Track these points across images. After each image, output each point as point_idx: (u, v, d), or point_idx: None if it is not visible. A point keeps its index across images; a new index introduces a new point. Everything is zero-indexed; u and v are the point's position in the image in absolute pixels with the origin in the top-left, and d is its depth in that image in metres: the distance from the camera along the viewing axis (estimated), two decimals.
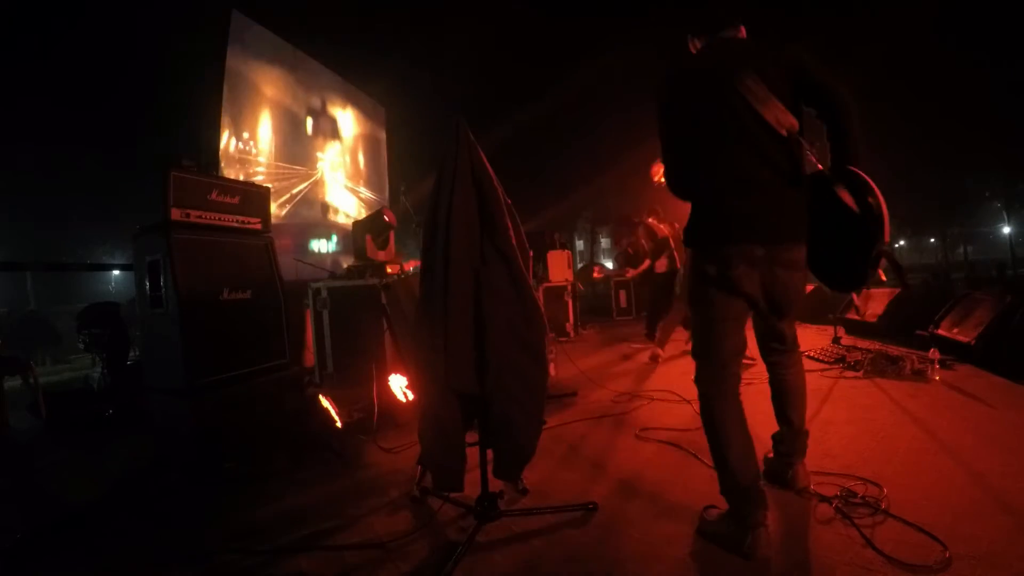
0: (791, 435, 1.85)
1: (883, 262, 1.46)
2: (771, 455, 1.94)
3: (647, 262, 5.67)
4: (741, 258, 1.55)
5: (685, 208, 1.71)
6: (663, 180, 2.16)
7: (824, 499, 1.78)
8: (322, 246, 7.16)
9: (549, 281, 6.73)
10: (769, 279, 1.59)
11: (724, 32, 1.70)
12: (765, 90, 1.53)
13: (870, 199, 1.44)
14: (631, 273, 6.61)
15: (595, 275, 8.56)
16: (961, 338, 3.78)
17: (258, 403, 2.78)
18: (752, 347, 1.99)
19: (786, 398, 1.84)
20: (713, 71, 1.61)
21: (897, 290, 5.19)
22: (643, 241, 5.81)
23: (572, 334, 6.73)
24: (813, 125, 1.62)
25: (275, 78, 6.33)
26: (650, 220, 5.70)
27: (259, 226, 3.11)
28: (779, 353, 1.83)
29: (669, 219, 5.76)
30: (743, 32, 1.72)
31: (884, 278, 1.47)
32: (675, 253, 5.42)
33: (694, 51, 1.77)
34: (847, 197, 1.47)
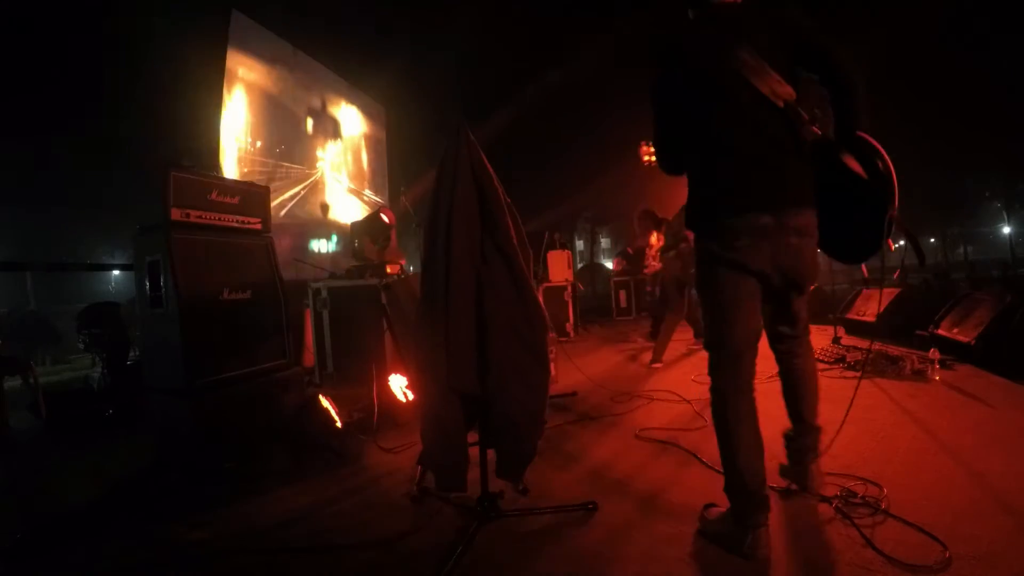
0: (803, 431, 1.75)
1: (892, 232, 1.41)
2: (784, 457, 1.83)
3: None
4: (747, 230, 1.48)
5: (678, 207, 1.68)
6: (653, 159, 2.10)
7: (824, 499, 1.78)
8: (322, 246, 7.16)
9: (549, 281, 6.73)
10: (781, 249, 1.49)
11: None
12: (760, 61, 1.46)
13: (879, 163, 1.39)
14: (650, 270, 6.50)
15: (615, 267, 8.67)
16: (961, 338, 3.78)
17: (258, 403, 2.78)
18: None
19: (797, 389, 1.74)
20: (706, 43, 1.54)
21: (897, 290, 5.19)
22: (662, 239, 5.72)
23: (572, 334, 6.74)
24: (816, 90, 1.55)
25: (275, 78, 6.33)
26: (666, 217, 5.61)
27: (259, 226, 3.10)
28: (789, 339, 1.72)
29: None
30: None
31: (892, 248, 1.41)
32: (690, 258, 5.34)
33: (692, 17, 1.67)
34: (853, 163, 1.42)
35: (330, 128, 7.68)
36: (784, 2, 1.53)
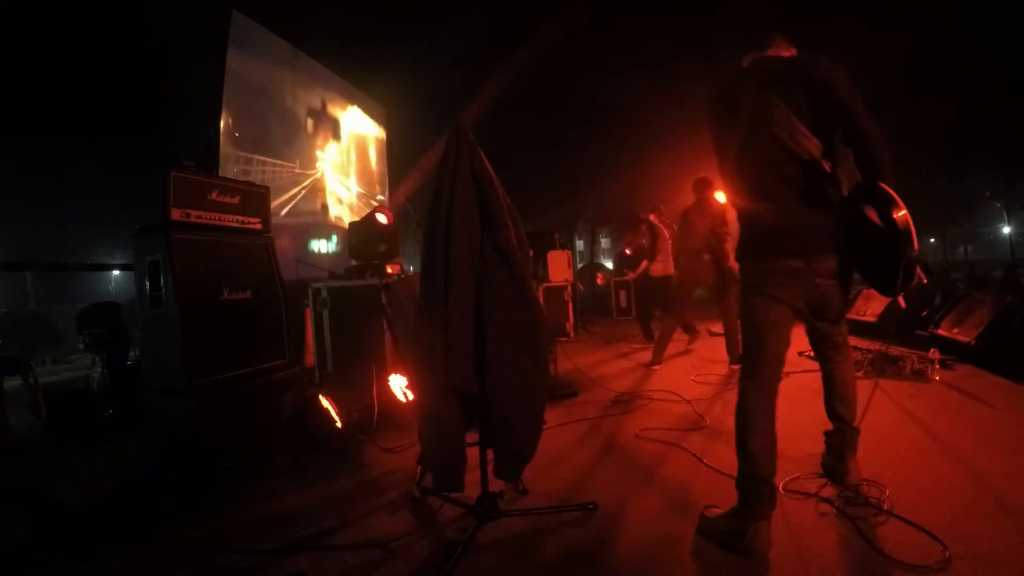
0: (842, 429, 1.88)
1: (918, 268, 1.48)
2: (824, 453, 1.97)
3: (644, 264, 5.65)
4: (780, 272, 1.66)
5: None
6: None
7: (825, 499, 1.78)
8: (322, 246, 7.16)
9: (549, 281, 6.73)
10: (811, 288, 1.68)
11: (765, 50, 1.74)
12: (791, 118, 1.61)
13: (894, 213, 1.48)
14: (630, 276, 6.62)
15: (599, 281, 8.73)
16: (961, 338, 3.78)
17: (258, 403, 2.78)
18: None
19: (837, 391, 1.89)
20: (744, 99, 1.70)
21: None
22: (643, 240, 5.79)
23: (572, 334, 6.73)
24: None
25: (275, 78, 6.33)
26: (652, 217, 5.69)
27: (259, 226, 3.10)
28: (826, 349, 1.89)
29: (669, 221, 5.75)
30: (787, 47, 1.75)
31: (925, 280, 1.49)
32: (670, 258, 5.40)
33: (746, 65, 1.80)
34: (871, 213, 1.53)
35: (330, 128, 7.68)
36: (823, 60, 1.64)
